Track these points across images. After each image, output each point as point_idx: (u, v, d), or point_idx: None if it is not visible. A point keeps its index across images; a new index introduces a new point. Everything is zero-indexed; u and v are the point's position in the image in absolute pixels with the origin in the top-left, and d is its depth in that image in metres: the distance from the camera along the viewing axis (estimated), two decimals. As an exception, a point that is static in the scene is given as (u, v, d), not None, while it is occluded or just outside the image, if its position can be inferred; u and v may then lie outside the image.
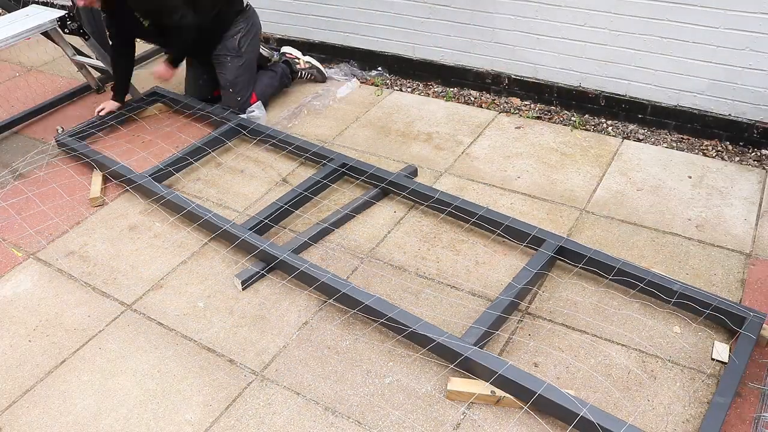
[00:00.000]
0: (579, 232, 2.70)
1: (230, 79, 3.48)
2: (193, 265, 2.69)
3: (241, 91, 3.52)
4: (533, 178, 3.02)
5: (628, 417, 1.98)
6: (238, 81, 3.49)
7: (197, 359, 2.28)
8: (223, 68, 3.48)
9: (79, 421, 2.11)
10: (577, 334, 2.26)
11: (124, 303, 2.53)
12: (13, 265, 2.76)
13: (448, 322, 2.32)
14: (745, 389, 2.04)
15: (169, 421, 2.09)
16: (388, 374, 2.18)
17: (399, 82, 3.93)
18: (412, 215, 2.85)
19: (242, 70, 3.49)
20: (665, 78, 3.16)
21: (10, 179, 3.27)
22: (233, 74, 3.47)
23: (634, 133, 3.31)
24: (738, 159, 3.06)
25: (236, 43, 3.44)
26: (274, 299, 2.49)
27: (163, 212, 2.94)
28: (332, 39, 4.07)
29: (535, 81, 3.53)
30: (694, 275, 2.46)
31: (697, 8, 2.91)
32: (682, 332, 2.24)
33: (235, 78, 3.48)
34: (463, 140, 3.34)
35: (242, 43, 3.46)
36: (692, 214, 2.75)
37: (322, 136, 3.45)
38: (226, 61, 3.46)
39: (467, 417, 2.03)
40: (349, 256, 2.66)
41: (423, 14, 3.65)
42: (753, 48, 2.88)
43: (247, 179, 3.16)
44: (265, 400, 2.13)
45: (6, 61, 4.51)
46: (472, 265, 2.58)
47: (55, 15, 3.49)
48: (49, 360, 2.33)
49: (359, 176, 2.99)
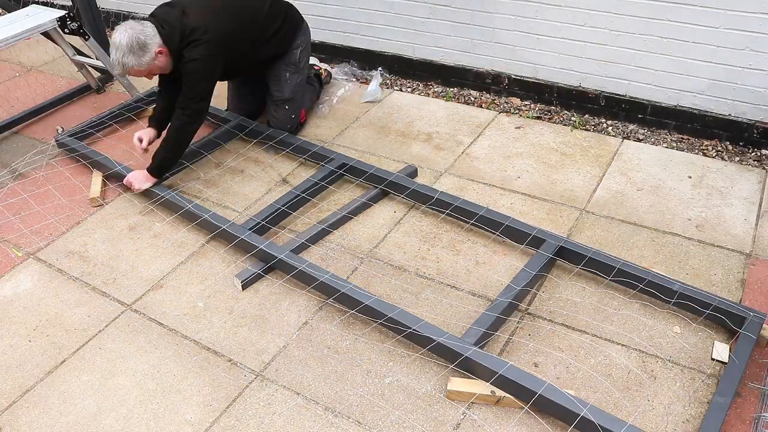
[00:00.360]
0: (579, 232, 2.70)
1: (287, 97, 3.26)
2: (193, 265, 2.69)
3: (297, 108, 3.34)
4: (533, 178, 3.02)
5: (628, 417, 1.98)
6: (295, 98, 3.30)
7: (197, 359, 2.28)
8: (279, 84, 3.24)
9: (79, 421, 2.11)
10: (577, 335, 2.26)
11: (124, 303, 2.53)
12: (13, 265, 2.76)
13: (447, 323, 2.32)
14: (745, 389, 2.04)
15: (169, 421, 2.09)
16: (388, 374, 2.18)
17: (399, 82, 3.93)
18: (412, 215, 2.85)
19: (300, 87, 3.31)
20: (665, 78, 3.16)
21: (10, 179, 3.27)
22: (291, 91, 3.26)
23: (634, 133, 3.31)
24: (738, 159, 3.06)
25: (297, 58, 3.23)
26: (274, 299, 2.49)
27: (163, 212, 2.94)
28: (332, 39, 4.07)
29: (535, 81, 3.53)
30: (694, 275, 2.46)
31: (697, 8, 2.91)
32: (682, 332, 2.24)
33: (293, 95, 3.27)
34: (463, 140, 3.34)
35: (302, 58, 3.26)
36: (692, 214, 2.75)
37: (322, 136, 3.45)
38: (285, 77, 3.23)
39: (467, 417, 2.03)
40: (349, 256, 2.66)
41: (423, 14, 3.65)
42: (753, 48, 2.88)
43: (247, 179, 3.16)
44: (265, 400, 2.13)
45: (6, 61, 4.51)
46: (472, 266, 2.58)
47: (55, 15, 3.48)
48: (49, 360, 2.33)
49: (359, 176, 2.99)
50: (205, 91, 2.89)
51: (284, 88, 3.26)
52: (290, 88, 3.26)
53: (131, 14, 4.84)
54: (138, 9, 4.80)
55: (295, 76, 3.26)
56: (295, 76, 3.26)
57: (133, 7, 4.83)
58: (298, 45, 3.24)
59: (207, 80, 2.88)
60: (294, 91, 3.28)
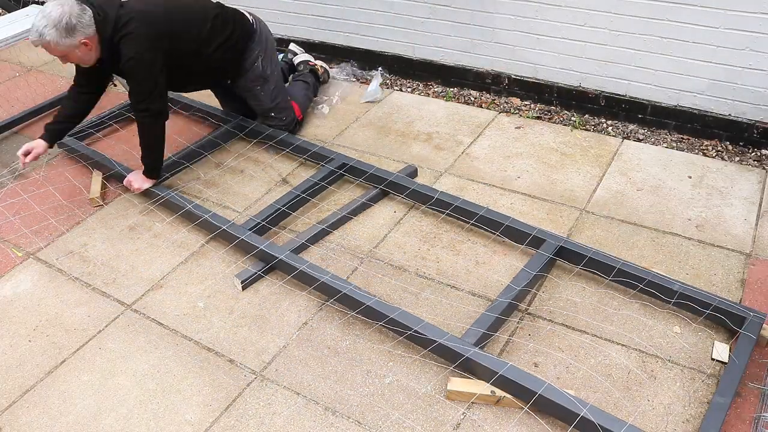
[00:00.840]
0: (579, 232, 2.70)
1: (270, 106, 3.25)
2: (193, 265, 2.69)
3: (283, 110, 3.31)
4: (533, 178, 3.02)
5: (628, 417, 1.98)
6: (278, 104, 3.27)
7: (197, 359, 2.28)
8: (256, 99, 3.24)
9: (79, 421, 2.11)
10: (577, 335, 2.26)
11: (124, 303, 2.53)
12: (13, 265, 2.76)
13: (447, 323, 2.32)
14: (745, 389, 2.04)
15: (169, 421, 2.09)
16: (388, 374, 2.18)
17: (399, 82, 3.93)
18: (412, 215, 2.85)
19: (276, 92, 3.25)
20: (665, 78, 3.16)
21: (10, 179, 3.27)
22: (270, 100, 3.23)
23: (634, 133, 3.31)
24: (738, 159, 3.06)
25: (260, 70, 3.15)
26: (274, 299, 2.49)
27: (163, 212, 2.94)
28: (332, 39, 4.07)
29: (535, 81, 3.53)
30: (694, 275, 2.46)
31: (697, 8, 2.91)
32: (682, 332, 2.24)
33: (274, 103, 3.25)
34: (463, 140, 3.34)
35: (265, 66, 3.17)
36: (692, 214, 2.75)
37: (322, 136, 3.45)
38: (257, 92, 3.21)
39: (467, 417, 2.03)
40: (349, 256, 2.66)
41: (423, 14, 3.65)
42: (753, 48, 2.88)
43: (247, 179, 3.16)
44: (265, 400, 2.13)
45: (6, 61, 4.51)
46: (472, 266, 2.58)
47: (55, 15, 3.48)
48: (49, 360, 2.33)
49: (359, 176, 2.99)
50: (151, 89, 2.74)
51: (262, 100, 3.24)
52: (267, 97, 3.23)
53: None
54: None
55: (267, 86, 3.21)
56: (267, 86, 3.21)
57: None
58: (256, 56, 3.13)
59: (150, 77, 2.73)
60: (273, 98, 3.24)
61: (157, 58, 2.73)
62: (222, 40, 2.97)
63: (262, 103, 3.25)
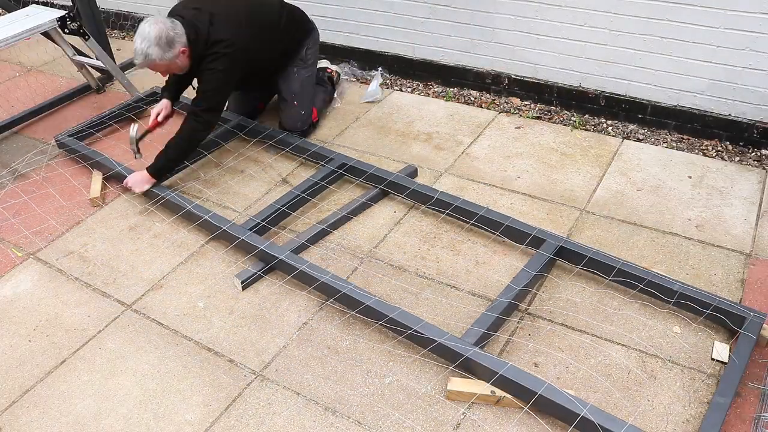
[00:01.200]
0: (579, 232, 2.70)
1: (296, 90, 3.25)
2: (192, 265, 2.69)
3: (305, 105, 3.31)
4: (533, 178, 3.02)
5: (628, 417, 1.98)
6: (304, 93, 3.29)
7: (197, 359, 2.28)
8: (287, 79, 3.25)
9: (79, 421, 2.11)
10: (577, 334, 2.26)
11: (124, 303, 2.53)
12: (13, 266, 2.76)
13: (447, 323, 2.32)
14: (745, 389, 2.04)
15: (169, 421, 2.09)
16: (388, 374, 2.18)
17: (399, 82, 3.93)
18: (412, 215, 2.85)
19: (307, 82, 3.31)
20: (665, 78, 3.16)
21: (10, 180, 3.27)
22: (298, 85, 3.25)
23: (634, 133, 3.31)
24: (738, 159, 3.06)
25: (304, 53, 3.25)
26: (274, 299, 2.49)
27: (163, 213, 2.94)
28: (332, 39, 4.07)
29: (535, 81, 3.53)
30: (694, 275, 2.46)
31: (697, 8, 2.91)
32: (682, 332, 2.24)
33: (301, 89, 3.27)
34: (463, 140, 3.34)
35: (309, 54, 3.28)
36: (692, 214, 2.75)
37: (322, 136, 3.45)
38: (292, 72, 3.24)
39: (467, 417, 2.03)
40: (349, 256, 2.66)
41: (423, 14, 3.65)
42: (753, 48, 2.88)
43: (247, 179, 3.16)
44: (265, 400, 2.13)
45: (6, 61, 4.51)
46: (472, 266, 2.58)
47: (55, 15, 3.48)
48: (49, 360, 2.33)
49: (359, 176, 2.99)
50: (220, 103, 2.98)
51: (291, 82, 3.27)
52: (298, 81, 3.27)
53: (131, 14, 4.85)
54: (138, 9, 4.81)
55: (303, 70, 3.28)
56: (303, 71, 3.28)
57: (133, 7, 4.83)
58: (305, 44, 3.28)
59: (223, 92, 2.96)
60: (302, 85, 3.28)
61: (236, 76, 2.94)
62: (286, 48, 3.20)
63: (291, 84, 3.27)
